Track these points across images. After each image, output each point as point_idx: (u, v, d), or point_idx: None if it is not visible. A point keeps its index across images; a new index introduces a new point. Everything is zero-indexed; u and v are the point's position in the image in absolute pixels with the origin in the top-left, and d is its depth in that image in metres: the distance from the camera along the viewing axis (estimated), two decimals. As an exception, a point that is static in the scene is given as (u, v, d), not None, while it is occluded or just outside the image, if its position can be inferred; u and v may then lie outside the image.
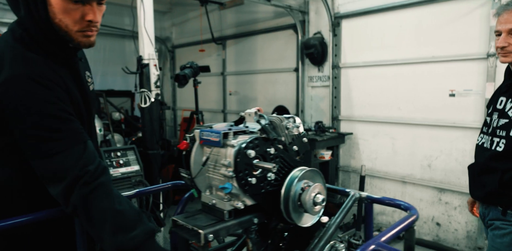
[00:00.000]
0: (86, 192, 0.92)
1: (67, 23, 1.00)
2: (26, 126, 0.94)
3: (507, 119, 1.48)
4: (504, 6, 1.47)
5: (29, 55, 0.99)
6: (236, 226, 0.93)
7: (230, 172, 0.88)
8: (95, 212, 0.92)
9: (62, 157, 0.94)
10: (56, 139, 0.95)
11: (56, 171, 0.94)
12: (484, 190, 1.55)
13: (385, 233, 0.80)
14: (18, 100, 0.94)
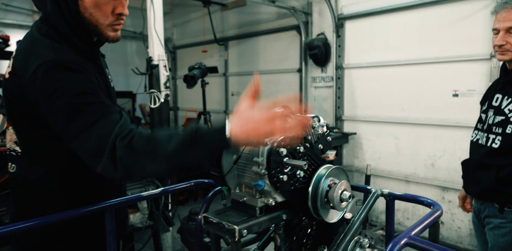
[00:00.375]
0: (125, 143, 0.86)
1: (98, 17, 1.03)
2: (60, 107, 0.94)
3: (503, 116, 1.53)
4: (502, 4, 1.50)
5: (57, 45, 1.01)
6: (267, 222, 0.96)
7: (262, 169, 0.91)
8: (142, 148, 0.86)
9: (99, 127, 0.91)
10: (91, 111, 0.93)
11: (96, 141, 0.89)
12: (479, 186, 1.59)
13: (415, 227, 0.83)
14: (50, 84, 0.94)
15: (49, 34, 1.03)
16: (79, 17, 1.02)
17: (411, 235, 0.79)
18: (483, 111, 1.67)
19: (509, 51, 1.49)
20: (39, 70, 0.95)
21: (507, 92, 1.55)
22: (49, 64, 0.96)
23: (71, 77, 0.97)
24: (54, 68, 0.96)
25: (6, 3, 4.69)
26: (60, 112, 0.95)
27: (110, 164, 0.87)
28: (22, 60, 1.01)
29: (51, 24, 1.04)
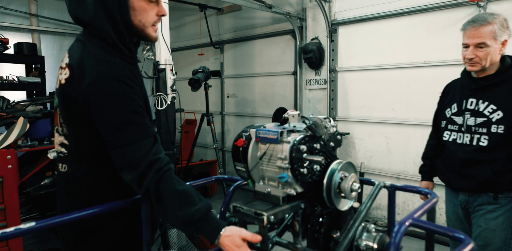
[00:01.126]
0: (158, 177, 1.07)
1: (145, 21, 1.19)
2: (111, 119, 1.08)
3: (484, 117, 1.74)
4: (470, 22, 1.73)
5: (109, 58, 1.13)
6: (289, 210, 1.11)
7: (286, 164, 1.06)
8: (164, 192, 1.07)
9: (137, 147, 1.08)
10: (134, 131, 1.09)
11: (132, 159, 1.08)
12: (473, 181, 1.77)
13: (416, 211, 0.99)
14: (105, 97, 1.07)
15: (100, 45, 1.15)
16: (128, 25, 1.16)
17: (414, 217, 0.94)
18: (455, 113, 1.86)
19: (478, 63, 1.72)
20: (97, 83, 1.08)
21: (481, 97, 1.77)
22: (106, 79, 1.08)
23: (124, 93, 1.10)
24: (111, 82, 1.09)
25: (4, 6, 4.72)
26: (110, 124, 1.09)
27: (137, 182, 1.09)
28: (78, 70, 1.12)
29: (100, 36, 1.16)
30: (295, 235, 1.21)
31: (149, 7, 1.19)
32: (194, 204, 1.09)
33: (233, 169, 1.22)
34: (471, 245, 0.83)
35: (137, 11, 1.17)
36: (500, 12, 2.87)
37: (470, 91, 1.84)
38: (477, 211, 1.81)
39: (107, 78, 1.08)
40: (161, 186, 1.08)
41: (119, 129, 1.09)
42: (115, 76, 1.09)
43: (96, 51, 1.14)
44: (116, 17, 1.14)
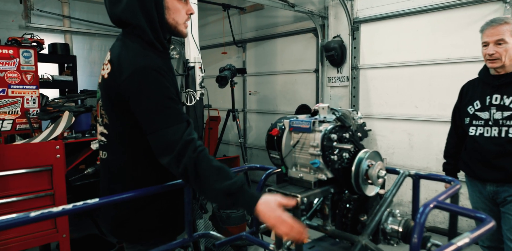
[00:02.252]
0: (195, 155, 1.15)
1: (177, 19, 1.32)
2: (149, 105, 1.20)
3: (510, 111, 1.84)
4: (487, 24, 1.89)
5: (145, 52, 1.26)
6: (319, 194, 1.21)
7: (318, 151, 1.16)
8: (202, 169, 1.15)
9: (173, 130, 1.18)
10: (170, 115, 1.20)
11: (169, 141, 1.17)
12: (502, 172, 1.84)
13: (440, 195, 1.07)
14: (143, 86, 1.19)
15: (138, 42, 1.28)
16: (163, 23, 1.30)
17: (438, 200, 1.02)
18: (479, 109, 1.94)
19: (498, 59, 1.83)
20: (136, 73, 1.20)
21: (505, 92, 1.87)
22: (143, 69, 1.21)
23: (159, 81, 1.22)
24: (149, 72, 1.21)
25: (39, 8, 4.99)
26: (147, 110, 1.20)
27: (175, 162, 1.16)
28: (118, 65, 1.26)
29: (137, 34, 1.29)
30: (325, 218, 1.31)
31: (181, 6, 1.32)
32: (230, 178, 1.17)
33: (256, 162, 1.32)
34: (492, 223, 0.91)
35: (171, 10, 1.30)
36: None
37: (494, 88, 1.92)
38: (509, 202, 1.87)
39: (144, 68, 1.20)
40: (198, 163, 1.15)
41: (156, 114, 1.19)
42: (151, 67, 1.21)
43: (133, 46, 1.27)
44: (153, 16, 1.26)
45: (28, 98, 2.29)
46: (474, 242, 0.86)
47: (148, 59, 1.24)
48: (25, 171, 1.90)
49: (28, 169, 1.91)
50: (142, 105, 1.21)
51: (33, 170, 1.94)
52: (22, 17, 4.97)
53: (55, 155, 1.97)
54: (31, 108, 2.31)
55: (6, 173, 1.86)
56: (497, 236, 2.02)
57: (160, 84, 1.22)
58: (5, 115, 2.21)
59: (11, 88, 2.23)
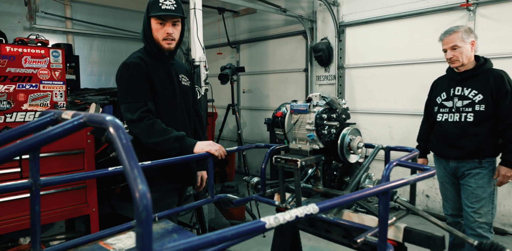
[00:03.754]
0: (151, 121, 1.73)
1: (158, 36, 1.84)
2: (119, 86, 1.80)
3: (469, 100, 2.26)
4: (442, 34, 2.35)
5: (138, 55, 1.85)
6: (314, 160, 1.59)
7: (312, 127, 1.54)
8: (155, 130, 1.72)
9: (131, 107, 1.74)
10: (130, 95, 1.75)
11: (128, 112, 1.75)
12: (462, 151, 2.26)
13: (402, 157, 1.45)
14: (121, 74, 1.80)
15: (143, 49, 1.92)
16: (152, 39, 1.85)
17: (400, 160, 1.41)
18: (445, 99, 2.37)
19: (457, 60, 2.26)
20: (121, 66, 1.82)
21: (465, 85, 2.30)
22: (124, 64, 1.82)
23: (127, 71, 1.78)
24: (123, 66, 1.81)
25: (43, 10, 5.25)
26: (119, 88, 1.84)
27: (134, 126, 1.75)
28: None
29: (144, 45, 1.91)
30: (317, 180, 1.69)
31: (159, 27, 1.83)
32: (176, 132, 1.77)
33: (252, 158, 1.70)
34: (433, 171, 1.30)
35: (154, 29, 1.83)
36: (487, 15, 3.35)
37: (456, 82, 2.35)
38: (467, 175, 2.29)
39: (124, 63, 1.82)
40: (153, 127, 1.73)
41: (120, 93, 1.81)
42: (127, 62, 1.81)
43: (137, 52, 1.91)
44: (146, 33, 1.86)
45: (56, 92, 2.60)
46: (418, 181, 1.24)
47: (131, 59, 1.84)
48: (64, 153, 2.22)
49: (66, 152, 2.23)
50: (118, 88, 1.85)
51: (70, 153, 2.26)
52: (26, 19, 5.22)
53: (86, 140, 2.29)
54: (59, 101, 2.62)
55: (49, 154, 2.18)
56: (458, 205, 2.45)
57: (127, 72, 1.78)
58: (37, 107, 2.52)
59: (42, 83, 2.53)
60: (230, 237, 0.70)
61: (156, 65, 1.86)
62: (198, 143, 1.75)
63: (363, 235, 1.25)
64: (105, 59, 6.18)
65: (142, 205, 0.55)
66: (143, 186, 0.57)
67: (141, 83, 1.77)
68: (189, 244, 0.63)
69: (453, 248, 2.61)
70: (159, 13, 1.78)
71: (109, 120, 0.66)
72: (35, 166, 1.10)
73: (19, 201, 2.11)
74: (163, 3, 1.78)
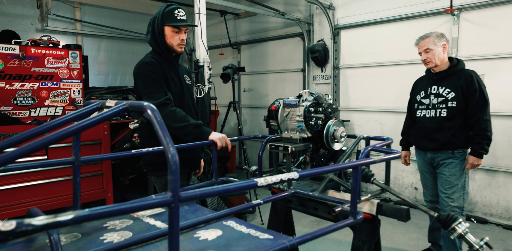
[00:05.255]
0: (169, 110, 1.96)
1: (172, 43, 2.10)
2: (140, 81, 2.02)
3: (443, 97, 2.53)
4: (418, 39, 2.64)
5: (151, 55, 2.11)
6: (303, 147, 1.86)
7: (301, 118, 1.81)
8: (177, 117, 1.96)
9: (153, 96, 1.98)
10: (151, 87, 2.00)
11: (151, 100, 1.95)
12: (437, 143, 2.52)
13: (376, 144, 1.72)
14: (138, 71, 2.03)
15: (153, 51, 2.16)
16: (165, 43, 2.10)
17: (375, 146, 1.68)
18: (423, 97, 2.64)
19: (430, 62, 2.54)
20: (139, 65, 2.05)
21: (440, 84, 2.58)
22: (142, 63, 2.05)
23: (147, 69, 2.01)
24: (143, 64, 2.02)
25: (55, 13, 5.53)
26: (140, 83, 2.05)
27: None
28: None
29: (153, 48, 2.14)
30: (306, 165, 1.96)
31: (174, 34, 2.08)
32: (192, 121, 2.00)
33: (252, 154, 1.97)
34: (399, 153, 1.58)
35: (168, 36, 2.08)
36: (470, 20, 3.62)
37: (433, 81, 2.61)
38: (442, 165, 2.56)
39: (142, 62, 2.05)
40: (175, 113, 1.97)
41: (143, 86, 2.03)
42: (146, 62, 2.05)
43: (149, 53, 2.17)
44: (158, 40, 2.10)
45: (74, 90, 2.88)
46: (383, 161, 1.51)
47: (147, 59, 2.10)
48: (83, 143, 2.50)
49: (85, 142, 2.51)
50: (139, 82, 2.06)
51: (88, 143, 2.54)
52: (38, 21, 5.50)
53: (103, 132, 2.57)
54: (77, 97, 2.90)
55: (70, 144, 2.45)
56: (436, 192, 2.72)
57: (147, 69, 2.02)
58: (58, 103, 2.79)
59: (62, 81, 2.81)
60: (232, 190, 0.97)
61: (167, 66, 2.13)
62: (213, 132, 2.00)
63: (340, 206, 1.53)
64: (112, 59, 6.47)
65: (173, 161, 0.83)
66: (173, 149, 0.84)
67: (159, 78, 2.02)
68: (203, 192, 0.90)
69: (432, 232, 2.88)
70: (178, 24, 2.04)
71: (146, 105, 0.93)
72: (77, 146, 1.38)
73: (60, 183, 2.44)
74: (177, 14, 2.06)
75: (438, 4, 3.86)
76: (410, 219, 1.63)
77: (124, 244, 1.15)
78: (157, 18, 2.08)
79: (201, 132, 1.96)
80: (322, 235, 1.23)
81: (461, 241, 2.56)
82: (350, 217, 1.38)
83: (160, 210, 1.53)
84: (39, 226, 0.66)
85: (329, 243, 3.28)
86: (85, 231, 1.29)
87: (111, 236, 1.24)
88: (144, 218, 1.44)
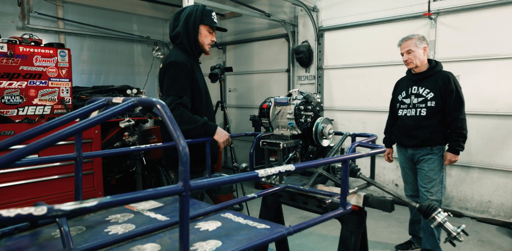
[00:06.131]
0: (181, 110, 2.02)
1: (204, 42, 2.20)
2: (167, 80, 2.05)
3: (423, 97, 2.68)
4: (401, 40, 2.78)
5: (180, 54, 2.11)
6: (293, 143, 1.95)
7: (292, 116, 1.90)
8: (185, 117, 2.02)
9: (167, 98, 2.03)
10: (171, 89, 2.03)
11: (168, 103, 2.00)
12: (417, 140, 2.67)
13: (363, 140, 1.83)
14: (169, 70, 2.06)
15: (181, 49, 2.13)
16: (197, 41, 2.10)
17: (361, 142, 1.79)
18: (404, 97, 2.78)
19: (411, 62, 2.68)
20: (170, 64, 2.06)
21: (420, 85, 2.73)
22: (173, 62, 2.04)
23: (178, 71, 2.04)
24: (174, 64, 2.04)
25: (36, 10, 5.43)
26: (167, 81, 2.06)
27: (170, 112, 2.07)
28: (165, 58, 2.11)
29: (181, 46, 2.15)
30: (296, 160, 2.05)
31: (208, 35, 2.20)
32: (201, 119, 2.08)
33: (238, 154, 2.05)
34: (384, 149, 1.69)
35: (202, 35, 2.17)
36: (446, 24, 3.81)
37: (413, 82, 2.76)
38: (421, 160, 2.71)
39: (174, 62, 2.07)
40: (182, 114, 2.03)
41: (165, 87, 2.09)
42: (177, 62, 2.07)
43: (177, 51, 2.13)
44: (190, 36, 2.14)
45: (63, 88, 2.87)
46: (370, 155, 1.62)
47: (178, 57, 2.07)
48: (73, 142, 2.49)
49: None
50: (165, 82, 2.08)
51: (79, 141, 2.54)
52: (19, 19, 5.39)
53: (94, 130, 2.58)
54: (65, 96, 2.89)
55: (60, 143, 2.45)
56: (416, 187, 2.87)
57: (176, 69, 2.06)
58: (46, 102, 2.78)
59: (51, 80, 2.80)
60: (236, 180, 1.05)
61: (195, 65, 2.18)
62: (217, 131, 2.10)
63: (330, 198, 1.62)
64: (95, 58, 6.39)
65: (183, 153, 0.89)
66: (184, 141, 0.91)
67: (182, 81, 2.07)
68: (211, 181, 0.97)
69: (413, 225, 3.04)
70: (215, 25, 2.18)
71: (156, 101, 0.99)
72: (79, 142, 1.42)
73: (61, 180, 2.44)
74: (214, 17, 2.20)
75: (417, 8, 4.05)
76: (394, 210, 1.75)
77: (130, 235, 1.21)
78: (194, 16, 2.11)
79: (207, 129, 2.06)
80: (316, 224, 1.32)
81: (439, 232, 2.71)
82: (341, 208, 1.48)
83: (158, 205, 1.59)
84: (67, 211, 0.72)
85: (315, 237, 3.40)
86: (88, 224, 1.34)
87: (115, 228, 1.29)
88: (144, 212, 1.49)
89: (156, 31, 7.32)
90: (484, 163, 3.83)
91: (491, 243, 3.27)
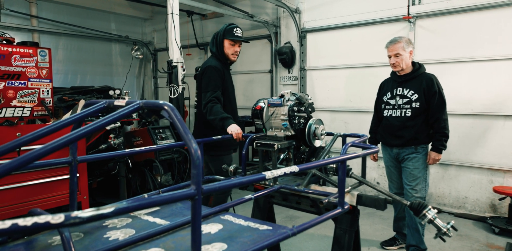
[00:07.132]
0: (211, 105, 2.51)
1: (228, 52, 2.75)
2: (204, 80, 2.62)
3: (407, 99, 2.77)
4: (388, 43, 2.85)
5: (214, 61, 2.73)
6: (287, 144, 1.96)
7: (286, 117, 1.91)
8: (213, 111, 2.49)
9: (205, 94, 2.55)
10: (209, 86, 2.58)
11: (204, 98, 2.59)
12: (402, 139, 2.75)
13: (356, 140, 1.87)
14: (207, 73, 2.62)
15: (214, 58, 2.78)
16: (223, 52, 2.74)
17: (354, 142, 1.82)
18: (390, 98, 2.86)
19: (398, 65, 2.76)
20: (207, 68, 2.66)
21: (404, 86, 2.81)
22: (210, 66, 2.66)
23: (213, 72, 2.61)
24: (211, 68, 2.64)
25: (8, 7, 5.19)
26: (203, 83, 2.57)
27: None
28: (203, 64, 2.62)
29: (215, 55, 2.77)
30: (289, 161, 2.07)
31: (230, 46, 2.74)
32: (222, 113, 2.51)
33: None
34: (377, 149, 1.73)
35: (226, 47, 2.73)
36: (425, 27, 3.94)
37: (398, 83, 2.84)
38: (406, 159, 2.79)
39: (211, 66, 2.65)
40: (212, 108, 2.52)
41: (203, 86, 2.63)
42: (213, 66, 2.65)
43: (209, 59, 2.80)
44: (219, 49, 2.74)
45: (43, 89, 2.75)
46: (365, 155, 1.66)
47: (213, 63, 2.70)
48: (58, 144, 2.40)
49: (60, 143, 2.42)
50: (204, 82, 2.63)
51: (63, 144, 2.45)
52: (-10, 16, 5.13)
53: (78, 133, 2.49)
54: (46, 98, 2.77)
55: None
56: (400, 185, 2.96)
57: (213, 73, 2.63)
58: (25, 104, 2.66)
59: (30, 81, 2.68)
60: (246, 183, 1.05)
61: (226, 70, 2.75)
62: (232, 125, 2.37)
63: (327, 198, 1.65)
64: (72, 58, 6.19)
65: (196, 156, 0.88)
66: (195, 144, 0.90)
67: (217, 80, 2.61)
68: (222, 184, 0.97)
69: (397, 222, 3.13)
70: (234, 38, 2.69)
71: (163, 103, 0.98)
72: (74, 146, 1.37)
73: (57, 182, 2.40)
74: (235, 31, 2.72)
75: (397, 11, 4.17)
76: (386, 208, 1.79)
77: (131, 241, 1.18)
78: (219, 33, 2.73)
79: (224, 123, 2.41)
80: (318, 224, 1.34)
81: (423, 229, 2.81)
82: (339, 207, 1.51)
83: (155, 208, 1.56)
84: (85, 218, 0.69)
85: (302, 236, 3.43)
86: (86, 230, 1.29)
87: (114, 234, 1.26)
88: (142, 216, 1.46)
89: (135, 31, 7.16)
90: (461, 160, 3.99)
91: (468, 237, 3.42)
